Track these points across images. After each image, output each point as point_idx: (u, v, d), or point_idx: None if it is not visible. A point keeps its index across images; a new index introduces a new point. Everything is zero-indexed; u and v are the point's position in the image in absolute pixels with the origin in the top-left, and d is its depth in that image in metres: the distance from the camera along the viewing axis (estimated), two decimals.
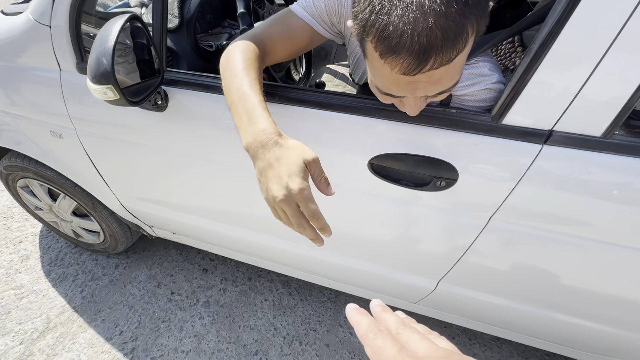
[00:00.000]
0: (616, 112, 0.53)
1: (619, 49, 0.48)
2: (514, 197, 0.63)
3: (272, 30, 0.65)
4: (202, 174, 0.87)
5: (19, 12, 0.84)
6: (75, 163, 1.01)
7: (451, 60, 0.39)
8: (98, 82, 0.53)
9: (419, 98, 0.48)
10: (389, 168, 0.67)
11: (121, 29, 0.54)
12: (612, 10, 0.46)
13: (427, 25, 0.36)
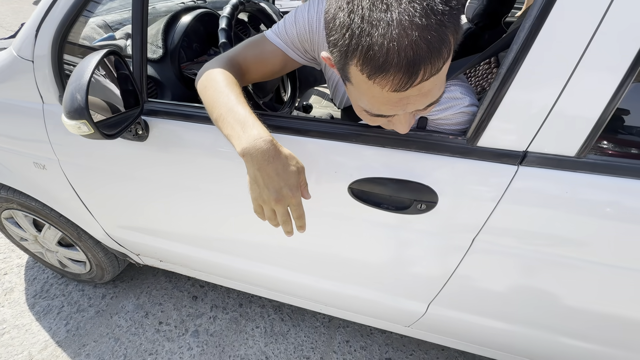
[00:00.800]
0: (588, 131, 0.53)
1: (586, 69, 0.49)
2: (495, 217, 0.62)
3: (246, 53, 0.67)
4: (186, 202, 0.87)
5: (2, 49, 0.86)
6: (58, 193, 1.00)
7: (439, 70, 0.40)
8: (72, 117, 0.54)
9: (409, 114, 0.48)
10: (369, 192, 0.66)
11: (96, 65, 0.55)
12: (576, 30, 0.47)
13: (411, 40, 0.36)
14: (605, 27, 0.46)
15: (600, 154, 0.56)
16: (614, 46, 0.47)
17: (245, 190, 0.76)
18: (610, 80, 0.49)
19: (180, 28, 1.01)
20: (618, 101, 0.50)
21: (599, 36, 0.47)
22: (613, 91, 0.49)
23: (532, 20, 0.49)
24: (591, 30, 0.47)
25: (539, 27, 0.48)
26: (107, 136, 0.59)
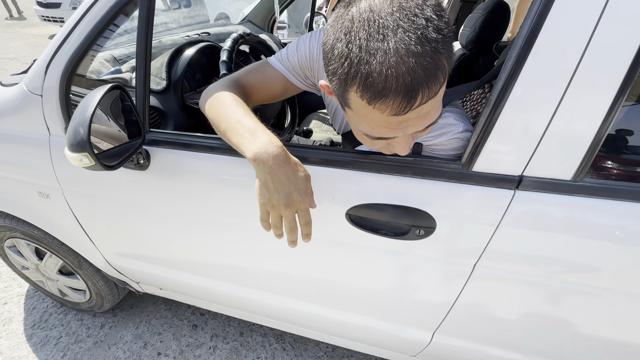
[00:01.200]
0: (582, 154, 0.53)
1: (575, 93, 0.49)
2: (495, 242, 0.62)
3: (250, 77, 0.71)
4: (186, 229, 0.87)
5: (14, 84, 0.90)
6: (61, 221, 1.01)
7: (436, 93, 0.42)
8: (74, 150, 0.55)
9: (409, 135, 0.49)
10: (367, 218, 0.66)
11: (100, 100, 0.57)
12: (564, 54, 0.48)
13: (408, 66, 0.38)
14: (592, 50, 0.47)
15: (597, 177, 0.56)
16: (602, 69, 0.48)
17: (245, 216, 0.76)
18: (601, 103, 0.49)
19: (184, 61, 1.05)
20: (610, 123, 0.50)
21: (587, 59, 0.48)
22: (604, 114, 0.50)
23: (518, 50, 0.50)
24: (578, 54, 0.48)
25: (526, 54, 0.49)
26: (107, 167, 0.60)
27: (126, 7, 0.71)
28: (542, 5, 0.47)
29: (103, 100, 0.59)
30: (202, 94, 0.67)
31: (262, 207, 0.54)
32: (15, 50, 5.44)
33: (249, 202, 0.75)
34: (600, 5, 0.45)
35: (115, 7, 0.70)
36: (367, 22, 0.39)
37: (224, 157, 0.72)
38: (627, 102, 0.51)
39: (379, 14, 0.39)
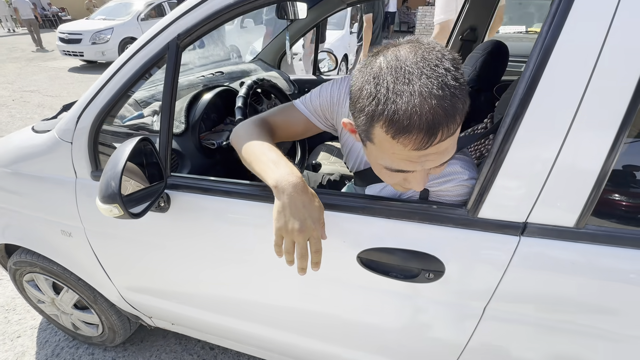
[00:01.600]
0: (583, 202, 0.56)
1: (574, 144, 0.52)
2: (504, 287, 0.63)
3: (277, 117, 0.79)
4: (201, 267, 0.90)
5: (46, 130, 0.97)
6: (80, 258, 1.05)
7: (454, 132, 0.47)
8: (106, 202, 0.60)
9: (425, 171, 0.53)
10: (378, 261, 0.68)
11: (129, 155, 0.63)
12: (561, 106, 0.52)
13: (431, 106, 0.43)
14: (587, 102, 0.50)
15: (600, 224, 0.58)
16: (598, 119, 0.51)
17: (257, 253, 0.79)
18: (598, 153, 0.52)
19: (202, 105, 1.12)
20: (609, 171, 0.52)
21: (582, 111, 0.51)
22: (602, 162, 0.52)
23: (516, 107, 0.54)
24: (574, 106, 0.52)
25: (524, 108, 0.53)
26: (134, 216, 0.64)
27: (156, 64, 0.78)
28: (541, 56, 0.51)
29: (131, 155, 0.64)
30: (233, 130, 0.75)
31: (277, 232, 0.58)
32: (37, 83, 5.75)
33: (262, 241, 0.78)
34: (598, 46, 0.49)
35: (148, 63, 0.77)
36: (394, 68, 0.45)
37: (239, 200, 0.76)
38: (625, 150, 0.54)
39: (405, 62, 0.45)
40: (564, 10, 0.49)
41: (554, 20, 0.50)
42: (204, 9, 0.69)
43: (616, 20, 0.47)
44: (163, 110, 0.75)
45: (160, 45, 0.74)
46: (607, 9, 0.47)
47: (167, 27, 0.73)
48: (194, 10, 0.70)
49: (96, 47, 6.78)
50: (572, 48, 0.50)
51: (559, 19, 0.50)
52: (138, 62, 0.78)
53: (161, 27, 0.74)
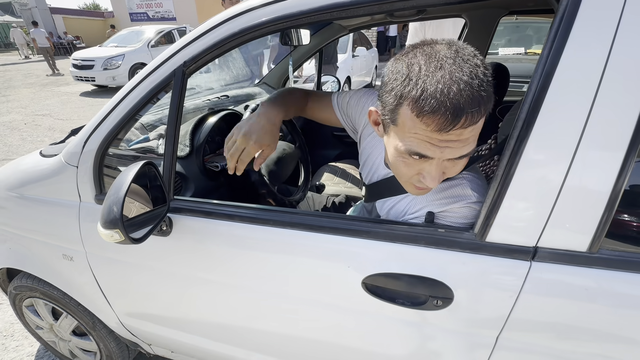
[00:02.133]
0: (595, 225, 0.54)
1: (582, 164, 0.51)
2: (516, 315, 0.60)
3: (314, 96, 0.92)
4: (202, 294, 0.88)
5: (54, 154, 0.98)
6: (81, 283, 1.04)
7: (477, 122, 0.47)
8: (107, 227, 0.59)
9: (440, 165, 0.52)
10: (384, 287, 0.66)
11: (133, 178, 0.63)
12: (567, 127, 0.51)
13: (459, 89, 0.45)
14: (592, 122, 0.50)
15: (614, 248, 0.56)
16: (605, 139, 0.50)
17: (259, 277, 0.78)
18: (609, 173, 0.51)
19: (206, 128, 1.14)
20: (620, 192, 0.51)
21: (589, 130, 0.50)
22: (612, 185, 0.51)
23: (520, 128, 0.54)
24: (579, 131, 0.51)
25: (529, 129, 0.52)
26: (135, 241, 0.63)
27: (163, 89, 0.80)
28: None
29: (134, 180, 0.64)
30: (281, 90, 0.87)
31: (234, 129, 0.77)
32: (49, 107, 5.93)
33: (266, 266, 0.76)
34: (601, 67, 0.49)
35: (155, 89, 0.78)
36: (429, 55, 0.48)
37: (242, 224, 0.75)
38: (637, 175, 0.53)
39: (439, 52, 0.48)
40: (564, 33, 0.50)
41: (554, 43, 0.51)
42: (209, 38, 0.71)
43: (617, 39, 0.48)
44: (168, 135, 0.76)
45: (167, 72, 0.76)
46: (608, 30, 0.48)
47: (174, 54, 0.75)
48: (200, 39, 0.72)
49: (107, 73, 7.03)
50: (574, 70, 0.50)
51: (560, 41, 0.50)
52: (145, 88, 0.80)
53: (168, 55, 0.76)
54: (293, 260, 0.74)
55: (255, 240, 0.77)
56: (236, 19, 0.69)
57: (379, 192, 0.75)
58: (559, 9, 0.52)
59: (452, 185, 0.63)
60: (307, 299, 0.77)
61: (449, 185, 0.63)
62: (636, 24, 0.47)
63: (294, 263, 0.74)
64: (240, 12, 0.69)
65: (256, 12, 0.68)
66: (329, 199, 1.36)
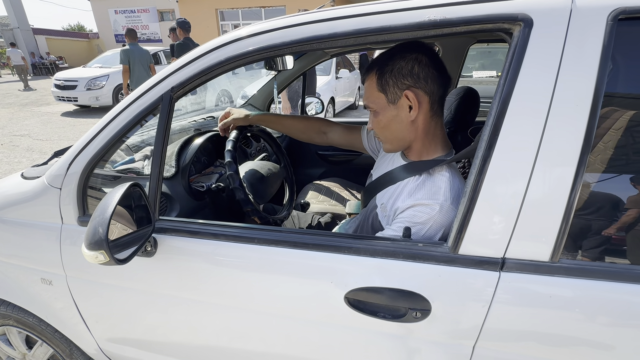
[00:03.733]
0: (554, 236, 0.59)
1: (540, 179, 0.57)
2: (489, 324, 0.64)
3: (344, 126, 1.16)
4: (188, 315, 0.87)
5: (36, 177, 0.98)
6: (59, 308, 1.01)
7: (370, 79, 0.78)
8: (92, 248, 0.60)
9: (371, 118, 0.81)
10: (366, 302, 0.69)
11: (119, 200, 0.64)
12: (523, 151, 0.57)
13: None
14: (546, 142, 0.56)
15: (573, 257, 0.61)
16: (558, 156, 0.56)
17: (245, 297, 0.78)
18: (563, 187, 0.56)
19: (192, 149, 1.16)
20: (574, 205, 0.56)
21: (544, 148, 0.57)
22: (567, 198, 0.57)
23: (483, 149, 0.59)
24: (534, 150, 0.57)
25: (491, 149, 0.58)
26: (119, 262, 0.64)
27: (150, 113, 0.82)
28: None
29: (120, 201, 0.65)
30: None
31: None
32: (28, 127, 5.79)
33: (251, 286, 0.78)
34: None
35: (142, 113, 0.81)
36: None
37: (228, 243, 0.77)
38: (592, 185, 0.59)
39: None
40: (518, 62, 0.57)
41: (508, 73, 0.58)
42: (196, 65, 0.75)
43: (562, 67, 0.55)
44: (154, 157, 0.78)
45: (155, 97, 0.79)
46: (554, 57, 0.55)
47: (163, 80, 0.78)
48: (188, 66, 0.76)
49: (91, 93, 6.98)
50: (527, 96, 0.57)
51: (513, 72, 0.57)
52: (133, 112, 0.82)
53: (157, 80, 0.79)
54: (279, 278, 0.76)
55: (240, 259, 0.78)
56: (223, 48, 0.74)
57: (380, 185, 0.87)
58: (512, 43, 0.59)
59: (433, 180, 0.75)
60: (293, 316, 0.78)
61: (432, 180, 0.76)
62: (576, 54, 0.54)
63: (280, 280, 0.76)
64: (226, 42, 0.74)
65: (242, 42, 0.73)
66: (315, 218, 1.38)
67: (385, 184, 0.84)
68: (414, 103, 0.73)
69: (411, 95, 0.73)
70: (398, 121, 0.77)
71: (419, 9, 0.63)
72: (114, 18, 16.05)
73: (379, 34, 0.64)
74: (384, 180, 0.84)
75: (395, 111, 0.76)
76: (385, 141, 0.82)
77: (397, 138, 0.80)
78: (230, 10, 11.28)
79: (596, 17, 0.54)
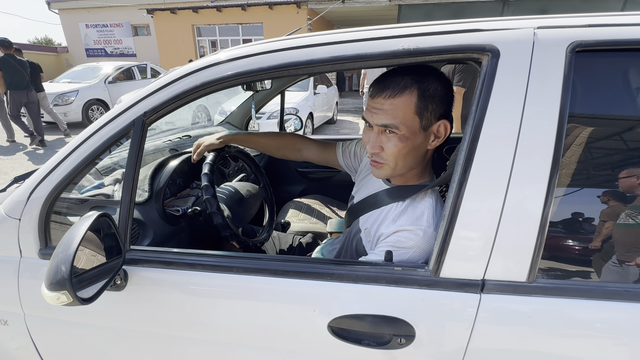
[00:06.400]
0: (530, 257, 0.61)
1: (513, 203, 0.59)
2: (473, 346, 0.64)
3: (319, 143, 1.12)
4: (160, 354, 0.82)
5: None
6: (15, 349, 0.92)
7: (394, 97, 0.68)
8: (53, 289, 0.55)
9: (378, 136, 0.72)
10: (349, 330, 0.67)
11: (85, 234, 0.60)
12: (496, 180, 0.59)
13: (389, 78, 0.71)
14: (516, 173, 0.58)
15: (548, 277, 0.62)
16: (528, 185, 0.58)
17: (223, 329, 0.74)
18: (536, 210, 0.58)
19: (167, 172, 1.12)
20: (546, 227, 0.58)
21: (515, 176, 0.59)
22: (539, 220, 0.59)
23: (459, 173, 0.61)
24: (505, 179, 0.59)
25: (466, 173, 0.60)
26: (84, 302, 0.59)
27: (122, 138, 0.79)
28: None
29: (85, 235, 0.61)
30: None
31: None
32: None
33: (229, 315, 0.74)
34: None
35: (113, 138, 0.77)
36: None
37: (204, 273, 0.74)
38: (561, 207, 0.61)
39: None
40: (488, 90, 0.59)
41: (480, 97, 0.60)
42: (170, 90, 0.73)
43: (529, 93, 0.58)
44: (125, 185, 0.74)
45: (127, 121, 0.76)
46: (520, 84, 0.58)
47: (135, 104, 0.75)
48: (161, 91, 0.73)
49: (58, 109, 6.64)
50: (498, 121, 0.59)
51: (484, 96, 0.59)
52: (103, 136, 0.78)
53: (128, 105, 0.76)
54: (259, 308, 0.73)
55: (218, 288, 0.75)
56: (198, 73, 0.73)
57: (364, 208, 0.84)
58: (481, 71, 0.61)
59: (416, 206, 0.74)
60: (275, 347, 0.75)
61: (415, 205, 0.75)
62: (540, 82, 0.58)
63: (260, 310, 0.73)
64: (203, 67, 0.73)
65: (220, 67, 0.72)
66: (295, 238, 1.36)
67: (368, 207, 0.83)
68: (442, 134, 0.71)
69: (444, 126, 0.70)
70: (419, 149, 0.71)
71: (393, 38, 0.64)
72: (85, 32, 15.61)
73: (355, 61, 0.66)
74: (367, 203, 0.84)
75: (422, 138, 0.69)
76: (391, 167, 0.72)
77: (406, 166, 0.73)
78: (207, 26, 11.28)
79: (556, 49, 0.58)
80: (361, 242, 0.84)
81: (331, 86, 7.45)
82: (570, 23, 0.60)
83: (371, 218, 0.81)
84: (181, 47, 10.88)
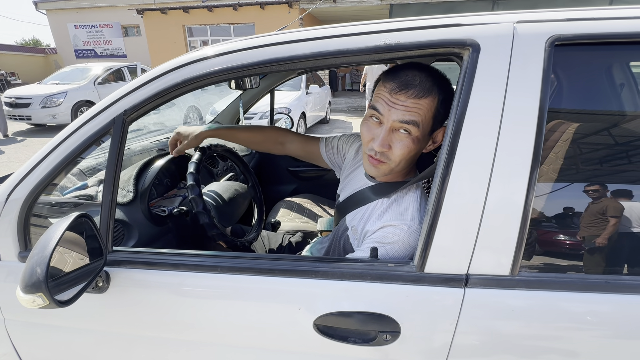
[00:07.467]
0: (512, 250, 0.61)
1: (495, 196, 0.59)
2: (458, 341, 0.64)
3: (303, 137, 1.10)
4: (147, 354, 0.80)
5: None
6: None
7: (419, 98, 0.67)
8: (28, 291, 0.54)
9: (388, 134, 0.69)
10: (335, 327, 0.67)
11: (62, 234, 0.58)
12: (478, 174, 0.59)
13: (414, 74, 0.68)
14: (498, 166, 0.59)
15: (532, 270, 0.63)
16: (510, 178, 0.59)
17: (208, 328, 0.74)
18: (518, 202, 0.59)
19: (153, 171, 1.10)
20: (528, 220, 0.59)
21: (495, 176, 0.59)
22: (521, 216, 0.59)
23: (442, 168, 0.61)
24: (487, 172, 0.59)
25: (449, 168, 0.60)
26: (61, 304, 0.58)
27: (101, 137, 0.77)
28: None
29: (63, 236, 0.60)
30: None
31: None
32: None
33: (215, 314, 0.73)
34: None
35: (92, 137, 0.75)
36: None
37: (189, 273, 0.72)
38: (542, 200, 0.62)
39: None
40: (469, 84, 0.59)
41: (462, 92, 0.60)
42: (150, 88, 0.72)
43: (509, 87, 0.58)
44: (106, 184, 0.73)
45: (107, 120, 0.74)
46: (501, 78, 0.58)
47: (114, 103, 0.74)
48: (141, 89, 0.72)
49: (46, 111, 6.54)
50: (479, 114, 0.59)
51: (466, 91, 0.59)
52: (83, 135, 0.76)
53: (108, 103, 0.75)
54: (245, 307, 0.72)
55: (202, 288, 0.74)
56: (179, 70, 0.71)
57: (350, 206, 0.84)
58: (462, 66, 0.61)
59: (401, 201, 0.74)
60: (262, 346, 0.74)
61: (400, 201, 0.75)
62: (520, 75, 0.58)
63: (246, 310, 0.72)
64: (183, 64, 0.72)
65: (201, 63, 0.71)
66: (285, 238, 1.35)
67: (354, 205, 0.83)
68: (438, 140, 0.73)
69: (443, 133, 0.70)
70: (420, 152, 0.73)
71: (375, 34, 0.64)
72: (74, 33, 15.38)
73: (337, 57, 0.65)
74: (353, 201, 0.83)
75: (426, 142, 0.72)
76: (392, 166, 0.72)
77: (405, 167, 0.74)
78: (199, 26, 11.20)
79: (536, 42, 0.58)
80: (348, 240, 0.83)
81: (324, 85, 7.45)
82: (549, 17, 0.60)
83: (357, 215, 0.81)
84: (172, 48, 10.78)
